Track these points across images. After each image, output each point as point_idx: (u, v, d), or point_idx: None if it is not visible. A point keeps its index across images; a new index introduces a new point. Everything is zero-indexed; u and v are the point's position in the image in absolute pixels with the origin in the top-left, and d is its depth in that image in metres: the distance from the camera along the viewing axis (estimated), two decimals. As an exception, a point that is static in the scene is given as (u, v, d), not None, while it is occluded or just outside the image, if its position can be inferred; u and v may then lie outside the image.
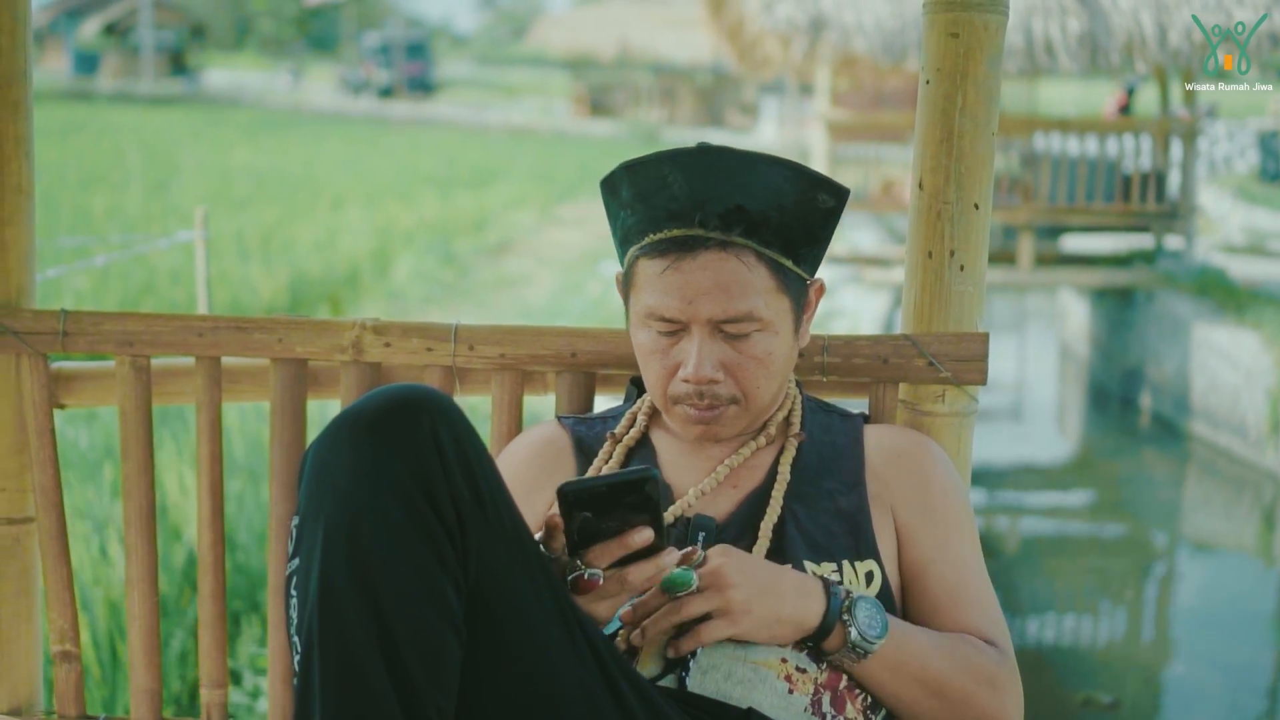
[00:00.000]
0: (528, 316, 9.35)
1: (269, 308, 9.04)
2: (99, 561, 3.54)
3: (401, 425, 1.26)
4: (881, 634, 1.43)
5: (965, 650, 1.51)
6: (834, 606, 1.43)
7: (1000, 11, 1.71)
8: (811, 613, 1.43)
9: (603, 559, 1.35)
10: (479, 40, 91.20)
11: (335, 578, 1.23)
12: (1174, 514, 7.93)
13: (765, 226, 1.55)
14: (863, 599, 1.44)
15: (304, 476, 1.29)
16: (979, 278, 1.75)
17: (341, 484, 1.25)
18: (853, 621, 1.43)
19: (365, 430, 1.27)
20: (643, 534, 1.34)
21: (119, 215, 11.81)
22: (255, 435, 4.93)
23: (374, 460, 1.25)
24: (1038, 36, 9.40)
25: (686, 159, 1.56)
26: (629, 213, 1.60)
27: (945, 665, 1.48)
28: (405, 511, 1.24)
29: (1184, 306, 9.21)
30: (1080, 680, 5.16)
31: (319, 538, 1.25)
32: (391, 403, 1.28)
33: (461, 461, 1.27)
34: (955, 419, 1.77)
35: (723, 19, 11.78)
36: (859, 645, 1.43)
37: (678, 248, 1.55)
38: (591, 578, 1.35)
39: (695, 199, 1.54)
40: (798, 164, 1.58)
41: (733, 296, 1.53)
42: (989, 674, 1.50)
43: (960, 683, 1.48)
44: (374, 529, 1.23)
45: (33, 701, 1.97)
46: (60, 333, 1.87)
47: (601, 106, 33.25)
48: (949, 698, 1.48)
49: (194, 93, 40.64)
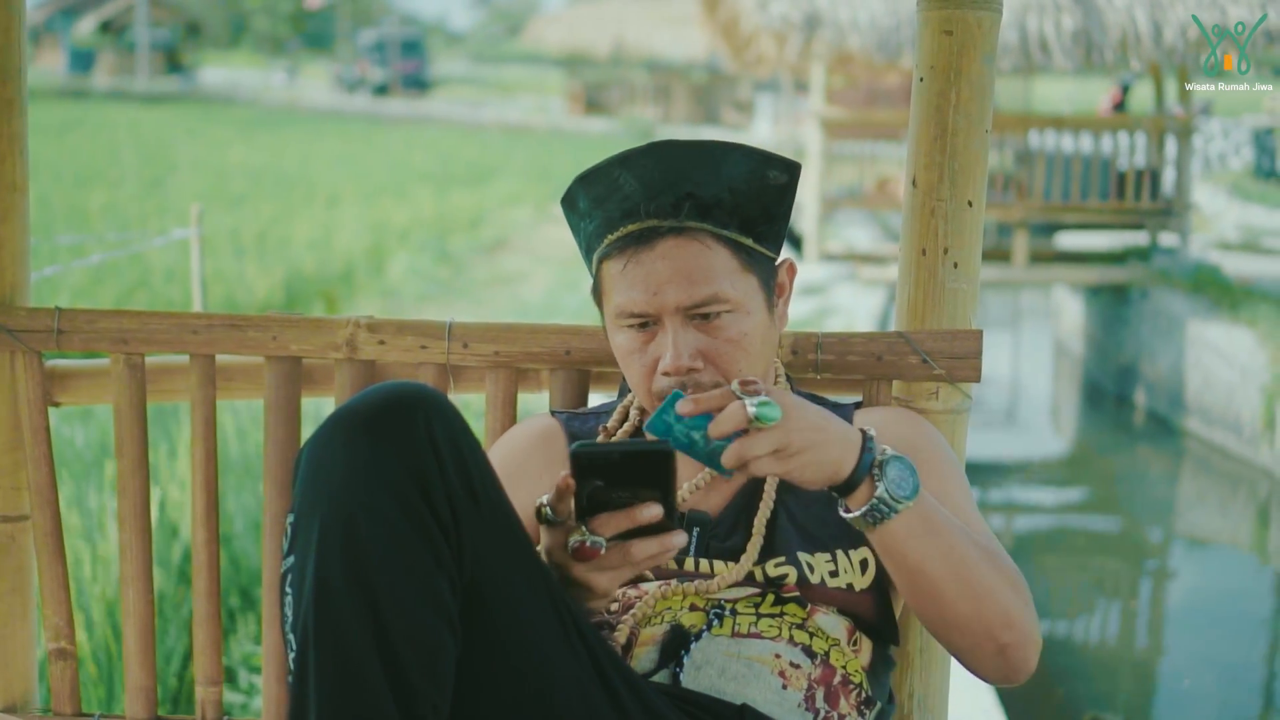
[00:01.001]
0: (523, 314, 9.34)
1: (264, 305, 9.02)
2: (94, 559, 3.54)
3: (396, 423, 1.26)
4: (911, 495, 1.37)
5: (994, 548, 1.47)
6: (866, 460, 1.37)
7: (994, 9, 1.72)
8: (847, 462, 1.36)
9: (608, 528, 1.34)
10: (474, 38, 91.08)
11: (331, 576, 1.23)
12: (1168, 511, 7.94)
13: (719, 208, 1.56)
14: (897, 458, 1.38)
15: (299, 474, 1.29)
16: (973, 275, 1.76)
17: (337, 482, 1.25)
18: (882, 477, 1.36)
19: (360, 428, 1.27)
20: (651, 510, 1.33)
21: (114, 213, 11.80)
22: (250, 433, 4.93)
23: (369, 458, 1.25)
24: (1032, 33, 9.40)
25: (636, 158, 1.57)
26: (588, 221, 1.62)
27: (973, 551, 1.42)
28: (401, 510, 1.24)
29: (1179, 303, 9.22)
30: (1074, 678, 5.16)
31: (314, 536, 1.25)
32: (386, 400, 1.28)
33: (456, 459, 1.27)
34: (949, 416, 1.78)
35: (718, 16, 11.77)
36: (885, 502, 1.36)
37: (635, 242, 1.56)
38: (594, 545, 1.34)
39: (646, 193, 1.56)
40: (746, 145, 1.59)
41: (696, 281, 1.54)
42: (1013, 575, 1.45)
43: (986, 572, 1.42)
44: (370, 527, 1.23)
45: (28, 699, 1.97)
46: (55, 330, 1.87)
47: (597, 104, 33.21)
48: (973, 585, 1.41)
49: (189, 90, 40.60)
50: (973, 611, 1.42)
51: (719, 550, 1.57)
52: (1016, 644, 1.44)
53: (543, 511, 1.36)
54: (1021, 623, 1.43)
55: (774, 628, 1.49)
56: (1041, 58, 9.48)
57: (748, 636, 1.48)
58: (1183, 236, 10.39)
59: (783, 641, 1.47)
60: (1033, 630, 1.45)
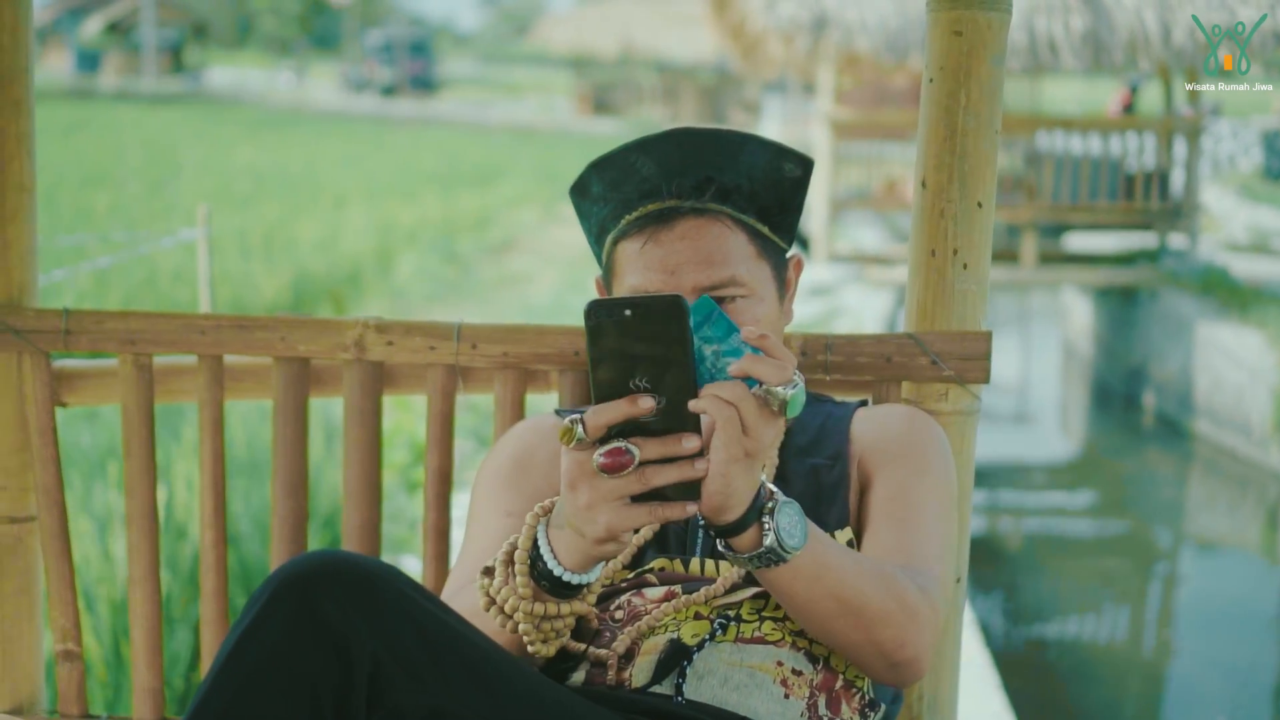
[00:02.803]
0: (530, 315, 9.33)
1: (271, 306, 9.03)
2: (101, 560, 3.53)
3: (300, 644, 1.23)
4: (800, 544, 1.32)
5: (889, 574, 1.43)
6: (757, 504, 1.30)
7: (1004, 9, 1.71)
8: (742, 502, 1.29)
9: (607, 416, 1.23)
10: (481, 38, 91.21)
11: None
12: (1178, 513, 7.92)
13: (738, 194, 1.56)
14: (789, 503, 1.32)
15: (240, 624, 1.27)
16: (982, 276, 1.75)
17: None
18: (772, 526, 1.30)
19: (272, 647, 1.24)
20: (691, 440, 1.23)
21: (121, 214, 11.80)
22: (258, 434, 4.93)
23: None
24: (1041, 34, 9.39)
25: (653, 144, 1.58)
26: (601, 206, 1.61)
27: (866, 583, 1.39)
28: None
29: (1188, 305, 9.20)
30: (1083, 679, 5.15)
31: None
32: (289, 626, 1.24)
33: (371, 636, 1.24)
34: (958, 417, 1.77)
35: (726, 17, 11.78)
36: (774, 551, 1.31)
37: (654, 221, 1.55)
38: (628, 453, 1.23)
39: (666, 175, 1.56)
40: (762, 137, 1.60)
41: (715, 263, 1.53)
42: (910, 602, 1.41)
43: (879, 601, 1.39)
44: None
45: (35, 700, 1.96)
46: (63, 331, 1.86)
47: (604, 105, 33.23)
48: (864, 616, 1.38)
49: (196, 91, 40.64)
50: (864, 639, 1.41)
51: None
52: (908, 661, 1.43)
53: (574, 430, 1.25)
54: (915, 644, 1.42)
55: (777, 631, 1.48)
56: (1050, 58, 9.48)
57: (751, 642, 1.47)
58: (1191, 238, 10.38)
59: (785, 647, 1.46)
60: (926, 649, 1.43)
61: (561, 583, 1.33)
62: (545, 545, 1.34)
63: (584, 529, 1.27)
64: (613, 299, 1.23)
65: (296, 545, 1.89)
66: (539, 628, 1.37)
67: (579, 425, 1.24)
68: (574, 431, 1.24)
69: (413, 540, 4.66)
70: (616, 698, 1.42)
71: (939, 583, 1.49)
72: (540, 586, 1.35)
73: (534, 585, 1.35)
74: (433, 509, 1.88)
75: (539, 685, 1.31)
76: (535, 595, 1.35)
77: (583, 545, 1.29)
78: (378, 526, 1.89)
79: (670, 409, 1.23)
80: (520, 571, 1.35)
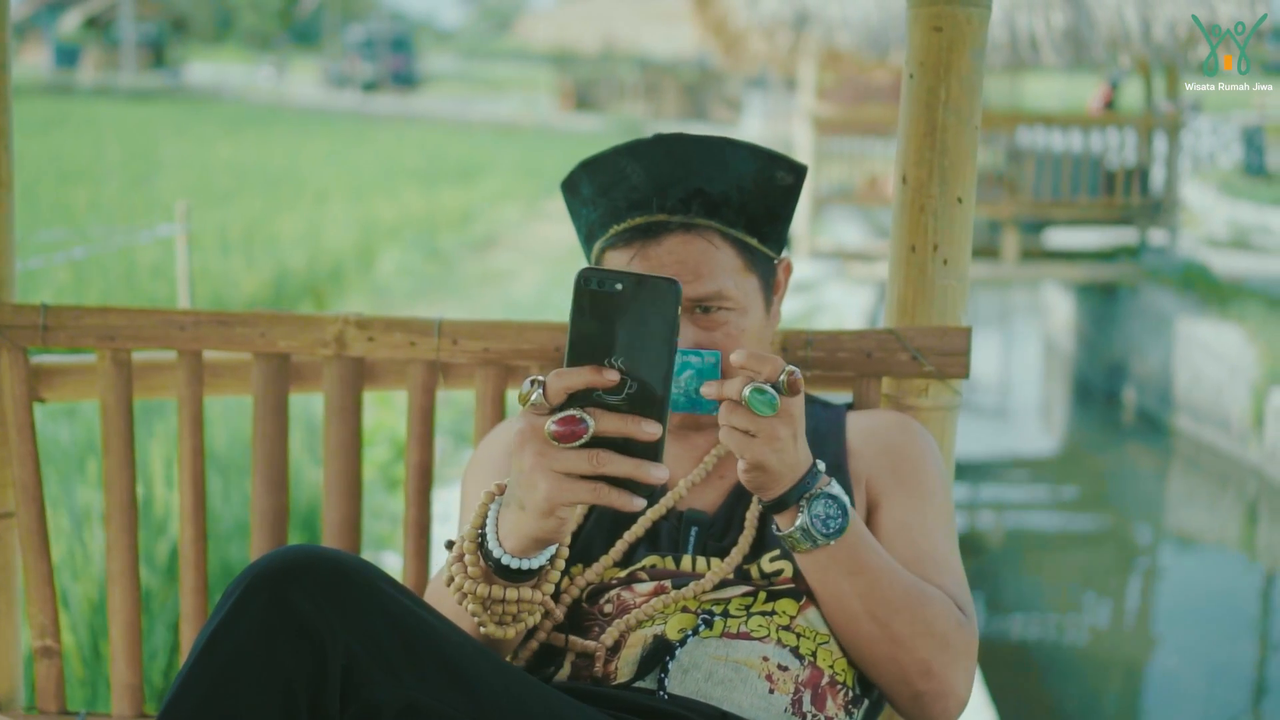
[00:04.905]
0: (513, 311, 9.33)
1: (251, 302, 9.01)
2: (80, 556, 3.52)
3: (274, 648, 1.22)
4: (834, 535, 1.36)
5: (931, 596, 1.44)
6: (799, 489, 1.35)
7: (983, 5, 1.71)
8: (785, 481, 1.35)
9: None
10: (463, 35, 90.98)
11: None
12: (1158, 508, 7.95)
13: (727, 206, 1.57)
14: (831, 498, 1.36)
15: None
16: (962, 272, 1.76)
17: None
18: (807, 510, 1.35)
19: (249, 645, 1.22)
20: (650, 426, 1.19)
21: (100, 209, 11.75)
22: (238, 430, 4.91)
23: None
24: (1021, 30, 9.42)
25: (643, 150, 1.58)
26: (590, 208, 1.61)
27: (899, 597, 1.41)
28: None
29: (1168, 301, 9.24)
30: (1063, 675, 5.17)
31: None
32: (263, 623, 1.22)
33: (343, 631, 1.22)
34: (938, 413, 1.77)
35: (707, 13, 11.77)
36: (805, 533, 1.36)
37: (642, 235, 1.56)
38: (581, 421, 1.18)
39: (655, 186, 1.56)
40: (754, 144, 1.60)
41: (702, 277, 1.54)
42: (943, 629, 1.43)
43: (909, 619, 1.41)
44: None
45: (13, 697, 1.95)
46: (41, 326, 1.85)
47: (586, 101, 33.24)
48: (891, 630, 1.41)
49: (175, 86, 40.49)
50: (888, 655, 1.42)
51: (716, 549, 1.56)
52: (933, 694, 1.43)
53: (532, 393, 1.21)
54: (943, 676, 1.42)
55: (763, 627, 1.48)
56: (1031, 54, 9.51)
57: (737, 637, 1.47)
58: (1172, 234, 10.42)
59: (770, 643, 1.46)
60: (956, 684, 1.43)
61: (502, 565, 1.30)
62: (491, 524, 1.30)
63: (525, 498, 1.23)
64: (608, 270, 1.18)
65: (276, 541, 1.88)
66: (489, 609, 1.33)
67: (539, 387, 1.21)
68: (532, 393, 1.21)
69: (393, 536, 4.65)
70: (599, 693, 1.42)
71: (972, 609, 1.50)
72: (489, 567, 1.31)
73: (483, 566, 1.32)
74: (413, 504, 1.87)
75: (515, 680, 1.30)
76: (485, 577, 1.32)
77: (524, 521, 1.25)
78: (358, 523, 1.88)
79: (639, 394, 1.19)
80: (469, 549, 1.32)
